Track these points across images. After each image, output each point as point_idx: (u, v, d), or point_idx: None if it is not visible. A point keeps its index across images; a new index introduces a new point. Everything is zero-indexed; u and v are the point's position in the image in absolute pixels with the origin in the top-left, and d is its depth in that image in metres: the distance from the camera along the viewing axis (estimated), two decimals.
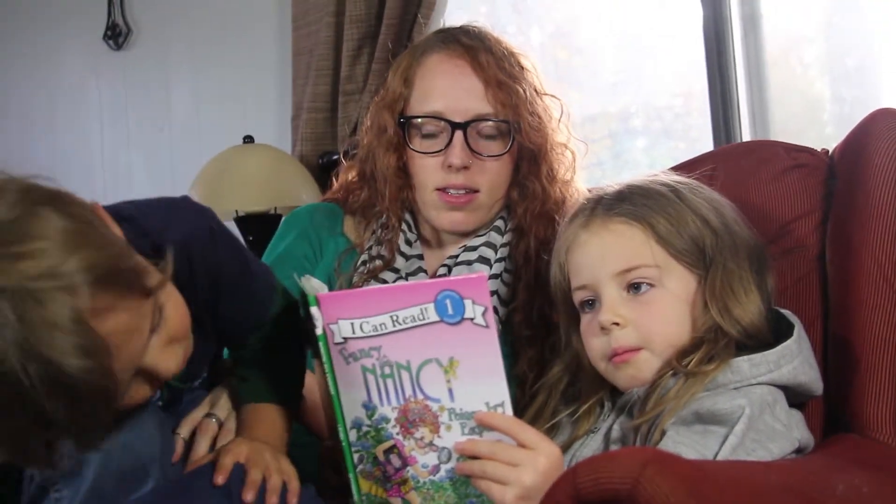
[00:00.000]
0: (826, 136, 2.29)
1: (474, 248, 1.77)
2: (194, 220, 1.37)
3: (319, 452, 1.62)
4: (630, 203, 1.41)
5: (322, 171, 2.76)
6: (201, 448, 1.42)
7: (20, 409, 1.06)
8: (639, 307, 1.37)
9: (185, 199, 1.42)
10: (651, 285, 1.37)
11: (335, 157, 2.53)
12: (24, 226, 1.07)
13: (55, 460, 1.15)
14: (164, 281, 1.19)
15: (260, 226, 2.68)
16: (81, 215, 1.13)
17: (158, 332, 1.20)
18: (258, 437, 1.42)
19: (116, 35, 3.56)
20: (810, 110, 2.45)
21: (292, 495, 1.33)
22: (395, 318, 1.23)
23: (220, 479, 1.31)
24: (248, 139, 2.88)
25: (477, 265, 1.74)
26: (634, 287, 1.38)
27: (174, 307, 1.23)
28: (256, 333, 1.48)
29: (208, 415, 1.47)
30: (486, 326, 1.21)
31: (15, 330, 1.04)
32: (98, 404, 1.10)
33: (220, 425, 1.47)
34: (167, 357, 1.23)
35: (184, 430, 1.44)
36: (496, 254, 1.77)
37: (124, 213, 1.30)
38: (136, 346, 1.17)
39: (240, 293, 1.43)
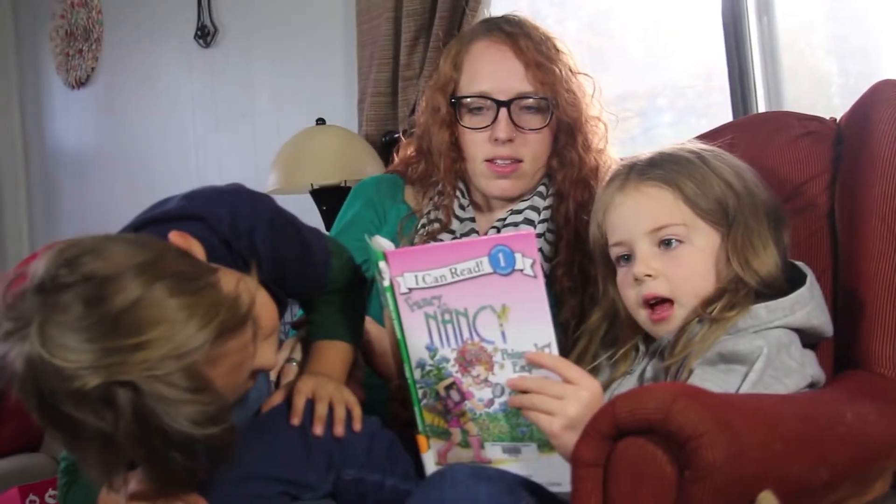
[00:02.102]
0: (833, 106, 2.25)
1: (520, 212, 1.76)
2: (254, 211, 1.33)
3: (388, 392, 1.63)
4: (661, 168, 1.39)
5: (385, 147, 2.76)
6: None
7: (163, 460, 1.07)
8: (669, 261, 1.36)
9: (240, 190, 1.37)
10: (680, 241, 1.36)
11: (396, 135, 2.53)
12: (141, 313, 1.03)
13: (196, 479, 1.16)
14: (255, 295, 1.16)
15: (332, 197, 2.68)
16: (183, 274, 1.09)
17: (257, 337, 1.18)
18: (322, 369, 1.42)
19: (205, 35, 3.57)
20: (819, 84, 2.41)
21: (356, 421, 1.34)
22: (453, 270, 1.23)
23: (296, 421, 1.31)
24: (321, 121, 2.88)
25: (523, 226, 1.73)
26: (665, 243, 1.36)
27: (265, 309, 1.22)
28: (320, 291, 1.48)
29: (289, 359, 1.48)
30: (535, 277, 1.20)
31: (146, 412, 1.02)
32: (224, 449, 1.10)
33: (301, 368, 1.48)
34: (267, 353, 1.22)
35: (272, 374, 1.46)
36: (539, 216, 1.76)
37: (193, 212, 1.29)
38: (247, 368, 1.17)
39: (302, 267, 1.42)
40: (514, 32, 1.72)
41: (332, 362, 1.44)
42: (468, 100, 1.73)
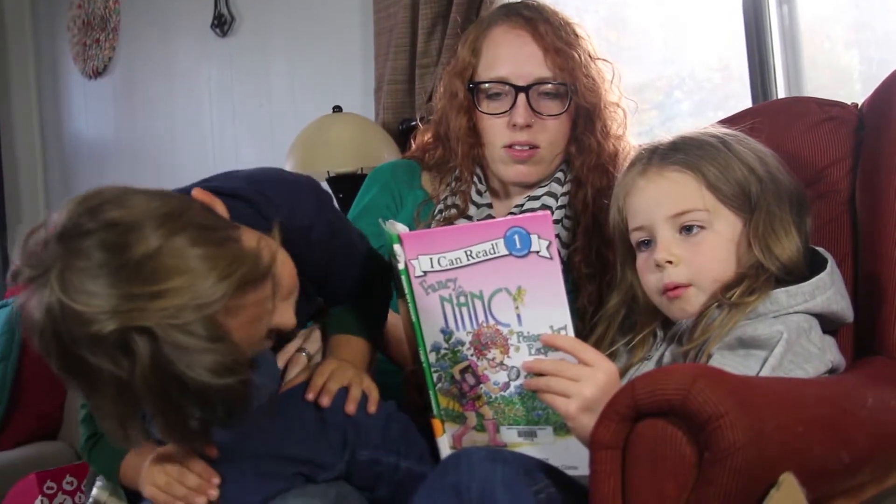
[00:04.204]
0: (855, 92, 2.23)
1: (537, 198, 1.75)
2: (317, 211, 1.35)
3: (403, 378, 1.62)
4: (683, 153, 1.38)
5: (402, 135, 2.75)
6: (292, 375, 1.43)
7: (178, 411, 1.07)
8: (690, 247, 1.34)
9: (310, 185, 1.38)
10: (701, 227, 1.34)
11: (413, 123, 2.52)
12: (162, 262, 1.04)
13: (210, 437, 1.17)
14: (275, 253, 1.16)
15: (349, 185, 2.68)
16: (206, 226, 1.10)
17: (276, 295, 1.18)
18: (343, 359, 1.42)
19: (222, 24, 3.57)
20: (840, 74, 2.38)
21: (372, 403, 1.34)
22: (468, 253, 1.22)
23: (311, 396, 1.32)
24: (337, 109, 2.87)
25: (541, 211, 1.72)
26: (687, 229, 1.35)
27: (285, 268, 1.22)
28: (356, 295, 1.48)
29: (299, 349, 1.48)
30: (551, 258, 1.20)
31: (163, 359, 1.03)
32: (239, 402, 1.10)
33: (310, 359, 1.47)
34: (285, 313, 1.23)
35: (279, 362, 1.45)
36: (557, 202, 1.75)
37: (246, 195, 1.29)
38: (265, 323, 1.17)
39: (347, 269, 1.44)
40: (533, 17, 1.71)
41: (353, 354, 1.45)
42: (486, 85, 1.72)
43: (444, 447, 1.31)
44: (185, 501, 1.24)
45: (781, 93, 2.34)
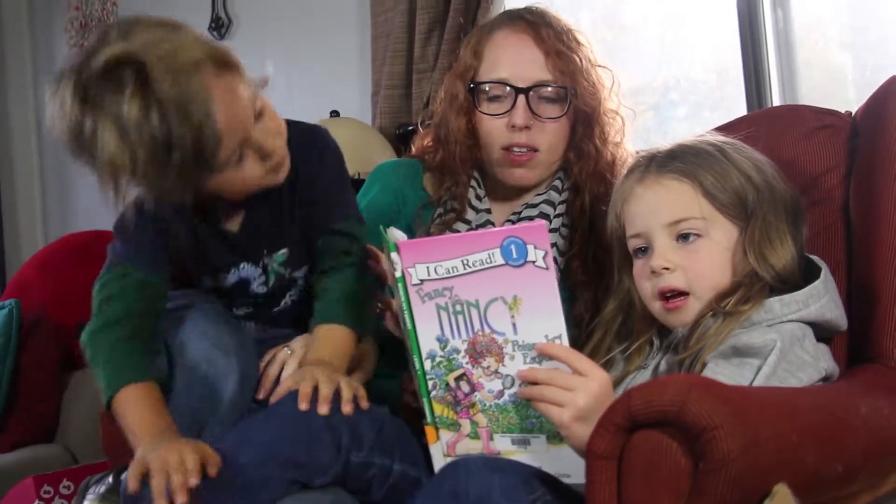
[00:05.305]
0: (849, 99, 2.24)
1: (535, 206, 1.76)
2: (322, 138, 1.63)
3: (400, 382, 1.62)
4: (680, 161, 1.38)
5: (399, 140, 2.75)
6: (271, 370, 1.48)
7: (156, 157, 1.29)
8: (687, 255, 1.35)
9: (326, 132, 1.65)
10: (698, 235, 1.35)
11: (410, 128, 2.52)
12: (171, 25, 1.37)
13: (187, 197, 1.38)
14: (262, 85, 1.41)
15: None
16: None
17: (261, 121, 1.40)
18: (324, 355, 1.43)
19: (219, 27, 3.57)
20: (834, 78, 2.39)
21: (362, 400, 1.35)
22: (465, 261, 1.23)
23: (303, 406, 1.32)
24: (335, 113, 2.88)
25: (537, 221, 1.72)
26: (683, 237, 1.35)
27: (269, 116, 1.43)
28: (337, 238, 1.55)
29: (285, 346, 1.51)
30: (546, 268, 1.20)
31: (146, 92, 1.27)
32: (203, 147, 1.31)
33: (292, 352, 1.50)
34: (271, 139, 1.42)
35: (266, 357, 1.50)
36: (555, 210, 1.75)
37: None
38: (241, 110, 1.37)
39: (326, 196, 1.57)
40: (535, 22, 1.72)
41: (335, 348, 1.46)
42: (487, 86, 1.72)
43: (438, 454, 1.32)
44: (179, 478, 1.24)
45: (776, 95, 2.36)
